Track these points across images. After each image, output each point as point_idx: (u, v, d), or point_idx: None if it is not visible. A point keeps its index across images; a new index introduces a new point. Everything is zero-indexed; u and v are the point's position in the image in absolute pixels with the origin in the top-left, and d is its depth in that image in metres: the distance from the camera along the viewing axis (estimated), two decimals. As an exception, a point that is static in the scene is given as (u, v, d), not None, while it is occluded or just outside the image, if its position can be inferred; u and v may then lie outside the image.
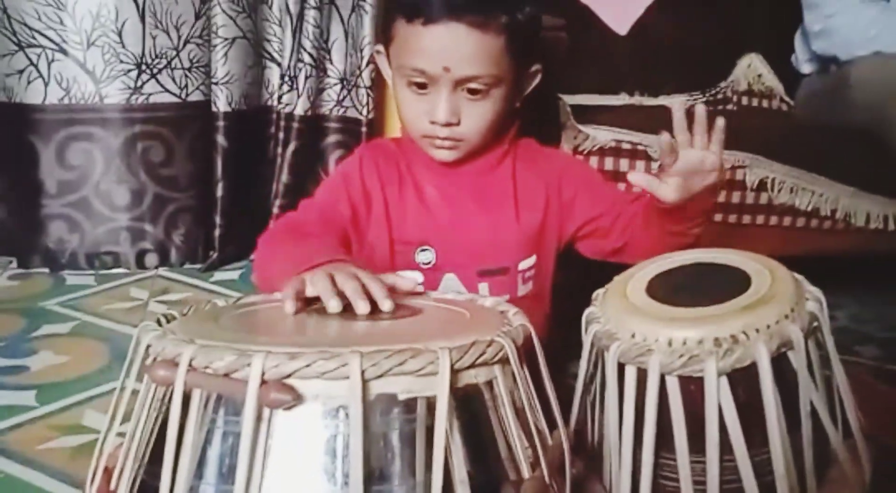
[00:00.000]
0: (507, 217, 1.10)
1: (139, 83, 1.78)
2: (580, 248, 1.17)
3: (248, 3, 1.86)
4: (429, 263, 1.08)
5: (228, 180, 1.89)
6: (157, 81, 1.80)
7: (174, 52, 1.81)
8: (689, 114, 0.99)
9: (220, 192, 1.88)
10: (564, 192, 1.13)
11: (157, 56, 1.79)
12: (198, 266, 1.88)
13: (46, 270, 1.82)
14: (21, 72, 1.72)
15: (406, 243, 1.08)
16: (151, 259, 1.85)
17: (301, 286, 0.78)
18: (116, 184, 1.80)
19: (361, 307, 0.74)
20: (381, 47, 1.11)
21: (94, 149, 1.78)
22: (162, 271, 1.83)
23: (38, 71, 1.72)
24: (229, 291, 1.73)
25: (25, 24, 1.71)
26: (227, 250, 1.90)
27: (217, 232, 1.90)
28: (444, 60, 0.99)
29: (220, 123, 1.86)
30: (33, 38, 1.71)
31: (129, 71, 1.77)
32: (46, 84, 1.73)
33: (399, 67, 1.04)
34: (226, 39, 1.83)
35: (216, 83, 1.84)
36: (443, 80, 1.01)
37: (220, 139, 1.86)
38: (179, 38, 1.81)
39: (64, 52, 1.73)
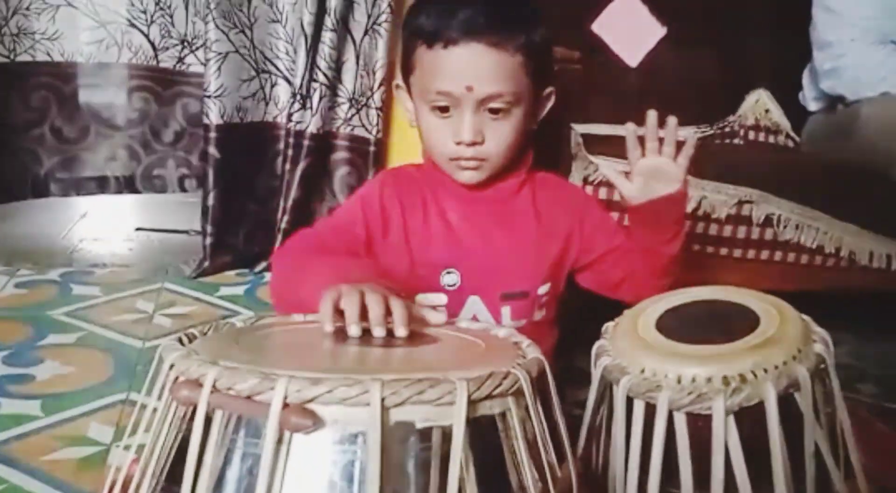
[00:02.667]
0: (529, 242, 1.13)
1: (182, 55, 2.17)
2: (581, 279, 1.19)
3: (241, 20, 1.92)
4: (454, 285, 1.10)
5: (220, 190, 1.94)
6: (195, 56, 2.14)
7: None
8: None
9: (210, 201, 1.94)
10: (586, 226, 1.16)
11: (195, 37, 2.13)
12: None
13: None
14: (100, 42, 2.15)
15: (432, 266, 1.10)
16: (190, 183, 2.21)
17: (337, 298, 0.77)
18: (164, 125, 2.21)
19: (377, 332, 0.76)
20: (400, 82, 1.14)
21: (149, 97, 2.20)
22: (168, 284, 1.84)
23: (115, 40, 2.16)
24: (235, 306, 1.74)
25: (106, 7, 2.13)
26: (218, 259, 1.94)
27: (208, 240, 1.94)
28: (466, 80, 1.02)
29: (212, 135, 1.92)
30: (109, 17, 2.14)
31: (176, 45, 2.16)
32: (120, 49, 2.16)
33: (423, 93, 1.07)
34: (219, 54, 1.90)
35: (209, 96, 1.91)
36: (466, 101, 1.04)
37: (212, 150, 1.93)
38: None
39: (133, 25, 2.15)
